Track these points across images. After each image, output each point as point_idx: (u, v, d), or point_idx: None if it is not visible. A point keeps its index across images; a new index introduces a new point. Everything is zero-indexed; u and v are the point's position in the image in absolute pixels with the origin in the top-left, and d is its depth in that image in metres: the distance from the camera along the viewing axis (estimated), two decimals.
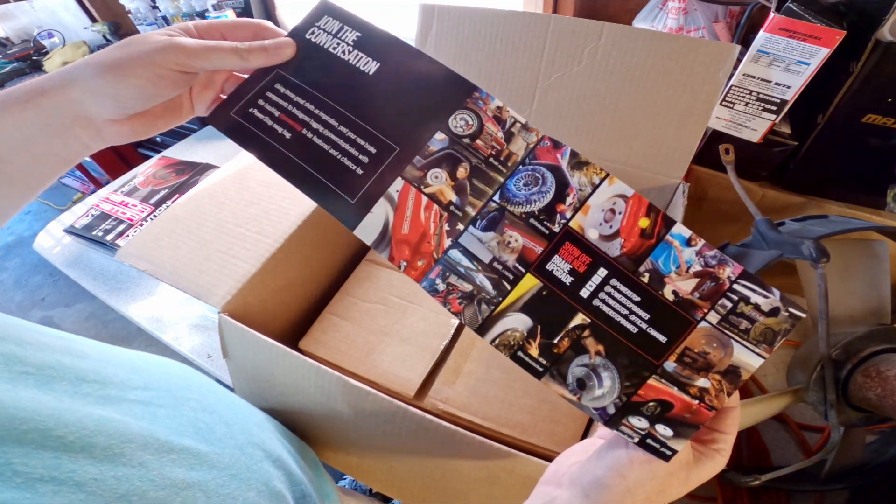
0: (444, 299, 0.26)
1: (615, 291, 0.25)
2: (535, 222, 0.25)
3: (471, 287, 0.26)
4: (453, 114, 0.26)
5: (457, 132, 0.26)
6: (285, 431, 0.42)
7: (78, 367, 0.23)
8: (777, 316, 0.23)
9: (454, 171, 0.26)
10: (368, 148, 0.26)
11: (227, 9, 1.33)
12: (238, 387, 0.48)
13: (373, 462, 0.45)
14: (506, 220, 0.26)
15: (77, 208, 0.96)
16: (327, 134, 0.26)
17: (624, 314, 0.24)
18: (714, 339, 0.24)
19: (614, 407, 0.24)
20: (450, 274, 0.26)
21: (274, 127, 0.27)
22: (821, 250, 0.38)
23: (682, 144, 0.52)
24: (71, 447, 0.19)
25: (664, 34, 0.51)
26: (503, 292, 0.25)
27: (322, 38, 0.28)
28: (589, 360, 0.25)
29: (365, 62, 0.27)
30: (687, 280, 0.24)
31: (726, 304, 0.24)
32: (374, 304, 0.56)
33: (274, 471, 0.31)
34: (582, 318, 0.25)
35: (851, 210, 0.58)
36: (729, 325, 0.24)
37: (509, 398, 0.47)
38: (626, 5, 0.88)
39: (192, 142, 1.19)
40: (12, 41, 2.07)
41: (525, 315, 0.25)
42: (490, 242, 0.26)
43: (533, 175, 0.26)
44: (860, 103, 0.51)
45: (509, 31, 0.54)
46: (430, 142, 0.26)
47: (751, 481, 0.41)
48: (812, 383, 0.41)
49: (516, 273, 0.25)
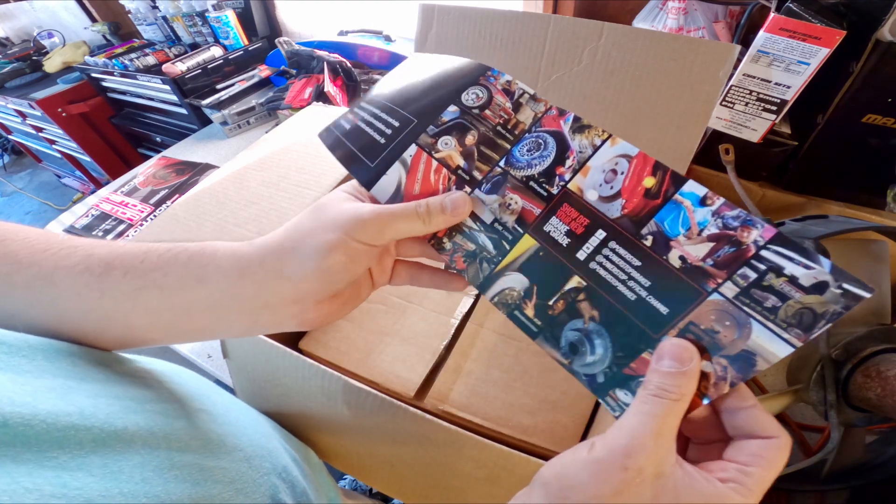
0: (451, 257, 0.27)
1: (613, 255, 0.23)
2: (535, 185, 0.26)
3: (474, 246, 0.27)
4: (466, 89, 0.28)
5: (468, 104, 0.28)
6: (290, 437, 0.42)
7: (86, 388, 0.22)
8: (823, 293, 0.18)
9: (463, 139, 0.27)
10: (393, 122, 0.29)
11: (227, 9, 1.33)
12: (238, 387, 0.48)
13: (373, 462, 0.45)
14: (508, 184, 0.26)
15: (77, 208, 0.96)
16: (371, 120, 0.30)
17: (622, 279, 0.23)
18: (728, 315, 0.20)
19: (604, 376, 0.23)
20: (455, 233, 0.27)
21: (343, 124, 0.31)
22: (821, 250, 0.38)
23: (682, 144, 0.52)
24: (67, 465, 0.18)
25: (664, 34, 0.51)
26: (502, 252, 0.26)
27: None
28: (583, 324, 0.24)
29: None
30: (699, 244, 0.21)
31: (749, 274, 0.20)
32: (374, 304, 0.56)
33: (280, 483, 0.30)
34: (577, 282, 0.24)
35: (851, 210, 0.58)
36: (750, 300, 0.20)
37: (509, 398, 0.47)
38: (626, 5, 0.88)
39: (192, 142, 1.19)
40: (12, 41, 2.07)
41: (522, 275, 0.25)
42: (493, 204, 0.26)
43: (536, 141, 0.26)
44: (860, 103, 0.51)
45: (509, 31, 0.54)
46: (443, 114, 0.28)
47: None
48: (812, 383, 0.41)
49: (515, 234, 0.26)
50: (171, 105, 1.40)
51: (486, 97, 0.28)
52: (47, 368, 0.22)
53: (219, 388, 0.35)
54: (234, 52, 1.34)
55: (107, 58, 1.46)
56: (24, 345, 0.22)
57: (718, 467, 0.19)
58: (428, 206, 0.26)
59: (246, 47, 1.36)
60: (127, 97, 1.58)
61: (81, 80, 1.65)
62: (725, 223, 0.21)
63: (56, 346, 0.24)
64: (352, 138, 0.30)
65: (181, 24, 1.41)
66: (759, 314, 0.20)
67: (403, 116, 0.29)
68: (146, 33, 1.56)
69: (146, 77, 1.35)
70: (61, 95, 1.64)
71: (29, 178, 2.72)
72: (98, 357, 0.26)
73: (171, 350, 0.69)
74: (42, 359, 0.22)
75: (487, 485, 0.37)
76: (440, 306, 0.55)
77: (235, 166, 0.92)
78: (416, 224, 0.26)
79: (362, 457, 0.45)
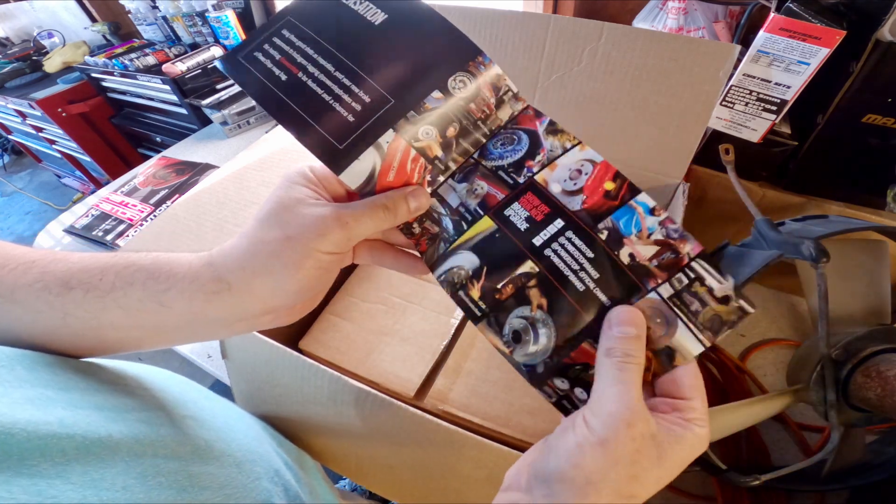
0: (417, 241, 0.28)
1: (569, 244, 0.24)
2: (503, 174, 0.26)
3: (438, 229, 0.27)
4: (454, 75, 0.26)
5: (454, 93, 0.26)
6: (283, 441, 0.42)
7: (66, 398, 0.22)
8: (727, 305, 0.22)
9: (444, 130, 0.27)
10: (363, 97, 0.26)
11: (227, 9, 1.32)
12: (236, 388, 0.48)
13: (371, 464, 0.45)
14: (478, 173, 0.27)
15: (77, 208, 0.96)
16: (322, 78, 0.26)
17: (574, 269, 0.24)
18: (660, 313, 0.23)
19: (544, 366, 0.24)
20: (425, 218, 0.28)
21: (272, 69, 0.26)
22: (821, 250, 0.38)
23: (682, 144, 0.52)
24: (46, 473, 0.18)
25: (664, 34, 0.51)
26: (460, 232, 0.26)
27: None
28: (530, 312, 0.24)
29: (373, 12, 0.27)
30: (647, 245, 0.23)
31: (682, 279, 0.22)
32: (374, 304, 0.56)
33: (272, 487, 0.30)
34: (530, 266, 0.24)
35: (851, 210, 0.58)
36: (681, 302, 0.22)
37: (509, 398, 0.47)
38: (626, 5, 0.88)
39: (192, 142, 1.19)
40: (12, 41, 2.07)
41: (474, 254, 0.26)
42: (461, 191, 0.27)
43: (510, 136, 0.27)
44: (860, 103, 0.51)
45: (509, 31, 0.54)
46: (426, 99, 0.26)
47: (751, 481, 0.41)
48: (812, 383, 0.41)
49: (475, 215, 0.26)
50: (171, 105, 1.40)
51: (473, 89, 0.26)
52: (27, 378, 0.22)
53: (209, 393, 0.35)
54: None
55: (107, 58, 1.46)
56: (1, 356, 0.22)
57: (668, 406, 0.22)
58: (395, 202, 0.26)
59: None
60: (127, 97, 1.58)
61: (81, 80, 1.65)
62: (668, 233, 0.23)
63: (35, 356, 0.23)
64: (293, 94, 0.25)
65: (181, 24, 1.41)
66: (685, 315, 0.22)
67: (376, 91, 0.25)
68: (146, 33, 1.56)
69: (146, 77, 1.35)
70: (61, 95, 1.64)
71: (29, 178, 2.72)
72: (78, 366, 0.25)
73: (170, 350, 0.69)
74: (21, 369, 0.22)
75: (487, 486, 0.37)
76: (440, 306, 0.55)
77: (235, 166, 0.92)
78: (385, 222, 0.25)
79: (361, 458, 0.45)
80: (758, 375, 0.57)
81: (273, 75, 0.26)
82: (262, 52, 0.27)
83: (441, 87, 0.26)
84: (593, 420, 0.20)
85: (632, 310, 0.22)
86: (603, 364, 0.22)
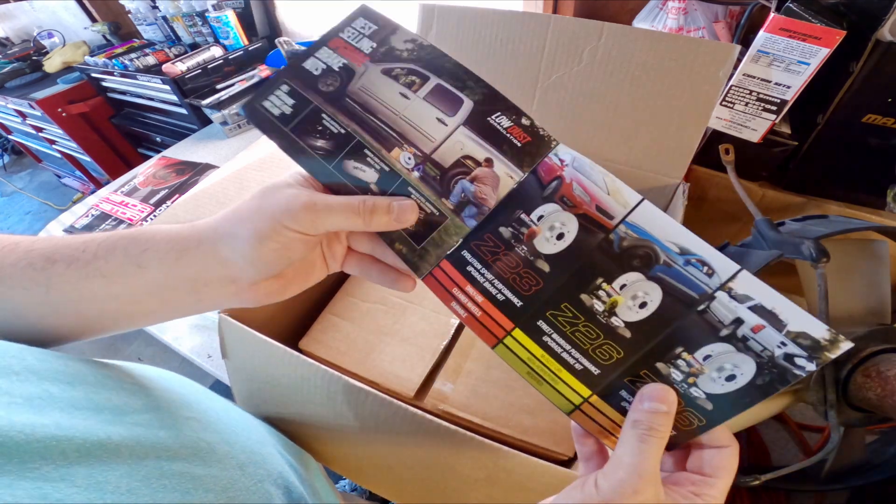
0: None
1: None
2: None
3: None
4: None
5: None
6: (286, 442, 0.42)
7: (68, 396, 0.22)
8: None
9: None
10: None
11: (227, 9, 1.33)
12: (236, 389, 0.48)
13: (371, 464, 0.45)
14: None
15: (77, 208, 0.96)
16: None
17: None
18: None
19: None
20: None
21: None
22: (821, 250, 0.38)
23: (682, 144, 0.52)
24: (49, 476, 0.18)
25: (664, 34, 0.51)
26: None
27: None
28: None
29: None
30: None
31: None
32: (374, 304, 0.56)
33: (274, 490, 0.30)
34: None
35: (851, 210, 0.58)
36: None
37: (509, 398, 0.47)
38: (626, 5, 0.88)
39: (192, 142, 1.19)
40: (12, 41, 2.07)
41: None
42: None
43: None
44: (860, 103, 0.51)
45: (509, 31, 0.54)
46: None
47: (751, 481, 0.41)
48: (812, 383, 0.41)
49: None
50: (171, 105, 1.40)
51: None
52: (36, 370, 0.22)
53: (211, 394, 0.35)
54: (234, 52, 1.34)
55: (107, 58, 1.46)
56: (13, 348, 0.22)
57: (687, 480, 0.22)
58: (374, 204, 0.26)
59: (246, 47, 1.36)
60: (127, 97, 1.58)
61: (81, 80, 1.65)
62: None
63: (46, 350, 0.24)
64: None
65: (181, 24, 1.41)
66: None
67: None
68: (146, 33, 1.56)
69: (146, 77, 1.35)
70: (61, 95, 1.64)
71: (29, 178, 2.72)
72: (87, 362, 0.26)
73: (170, 350, 0.69)
74: (32, 359, 0.22)
75: (487, 486, 0.37)
76: (440, 306, 0.55)
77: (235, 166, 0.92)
78: (356, 221, 0.26)
79: (360, 459, 0.45)
80: None
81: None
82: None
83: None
84: (603, 483, 0.21)
85: (665, 387, 0.23)
86: (626, 434, 0.22)
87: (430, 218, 0.27)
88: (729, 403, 0.22)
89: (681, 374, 0.23)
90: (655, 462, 0.21)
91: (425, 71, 0.28)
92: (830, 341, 0.20)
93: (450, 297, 0.27)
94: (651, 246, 0.23)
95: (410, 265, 0.27)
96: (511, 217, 0.26)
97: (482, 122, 0.27)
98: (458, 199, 0.27)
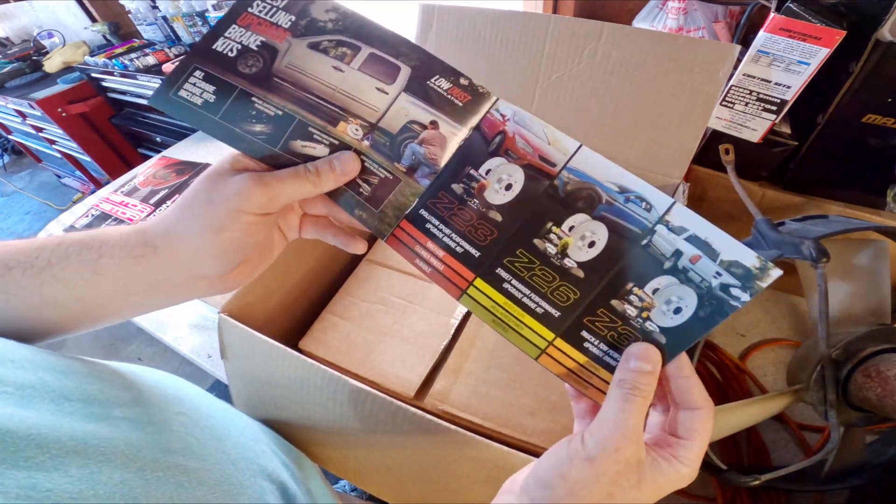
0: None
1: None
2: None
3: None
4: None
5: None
6: (281, 442, 0.42)
7: (61, 384, 0.22)
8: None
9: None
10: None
11: (226, 8, 1.32)
12: (235, 389, 0.48)
13: (370, 465, 0.45)
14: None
15: (77, 208, 0.96)
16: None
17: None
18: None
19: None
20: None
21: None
22: (821, 250, 0.38)
23: (682, 144, 0.52)
24: (43, 466, 0.18)
25: (664, 34, 0.51)
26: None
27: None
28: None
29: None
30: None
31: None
32: (374, 304, 0.56)
33: (268, 486, 0.30)
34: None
35: (851, 210, 0.58)
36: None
37: (509, 398, 0.47)
38: (626, 5, 0.88)
39: (192, 142, 1.19)
40: (12, 41, 2.07)
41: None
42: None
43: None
44: (860, 103, 0.51)
45: (509, 31, 0.54)
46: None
47: (751, 481, 0.41)
48: (812, 383, 0.41)
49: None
50: None
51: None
52: (30, 359, 0.22)
53: (205, 394, 0.35)
54: None
55: (107, 58, 1.46)
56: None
57: (667, 442, 0.23)
58: (317, 168, 0.26)
59: None
60: (127, 97, 1.58)
61: (81, 80, 1.65)
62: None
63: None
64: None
65: (181, 24, 1.41)
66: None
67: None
68: (146, 33, 1.56)
69: (146, 77, 1.35)
70: (61, 95, 1.64)
71: (29, 178, 2.72)
72: (75, 360, 0.26)
73: (170, 350, 0.69)
74: (24, 350, 0.23)
75: (487, 486, 0.37)
76: (440, 306, 0.55)
77: None
78: (306, 186, 0.26)
79: (359, 460, 0.45)
80: (758, 375, 0.57)
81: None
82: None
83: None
84: (589, 440, 0.22)
85: (650, 347, 0.23)
86: (612, 392, 0.23)
87: (386, 182, 0.28)
88: (679, 336, 0.23)
89: (635, 310, 0.24)
90: (638, 421, 0.22)
91: (355, 41, 0.28)
92: (761, 269, 0.22)
93: (413, 255, 0.28)
94: (592, 187, 0.25)
95: (372, 229, 0.28)
96: (461, 173, 0.27)
97: (422, 87, 0.28)
98: (410, 162, 0.28)
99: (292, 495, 0.32)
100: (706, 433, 0.23)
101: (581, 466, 0.22)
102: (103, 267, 0.25)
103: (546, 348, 0.26)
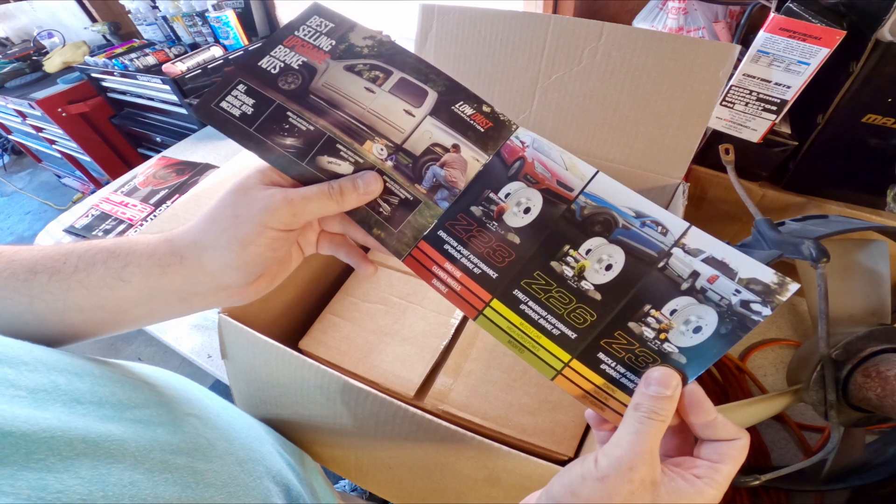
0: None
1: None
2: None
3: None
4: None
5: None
6: (285, 442, 0.42)
7: (74, 388, 0.22)
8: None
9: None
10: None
11: (227, 9, 1.33)
12: (236, 389, 0.48)
13: (370, 464, 0.45)
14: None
15: (77, 208, 0.96)
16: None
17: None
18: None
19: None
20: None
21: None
22: (821, 250, 0.38)
23: (682, 144, 0.52)
24: (54, 467, 0.18)
25: (664, 34, 0.51)
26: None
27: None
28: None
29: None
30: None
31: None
32: (374, 304, 0.56)
33: (273, 487, 0.30)
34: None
35: (851, 210, 0.58)
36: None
37: (509, 398, 0.47)
38: (626, 5, 0.88)
39: (192, 142, 1.19)
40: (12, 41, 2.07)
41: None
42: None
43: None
44: (860, 103, 0.51)
45: (509, 31, 0.54)
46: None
47: (751, 481, 0.41)
48: (812, 383, 0.41)
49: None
50: (171, 105, 1.40)
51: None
52: (44, 360, 0.22)
53: (210, 393, 0.35)
54: (234, 52, 1.34)
55: (107, 58, 1.46)
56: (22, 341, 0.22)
57: (691, 464, 0.23)
58: (341, 186, 0.27)
59: (246, 47, 1.36)
60: (127, 97, 1.58)
61: (81, 80, 1.65)
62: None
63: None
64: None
65: (181, 24, 1.41)
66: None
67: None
68: (146, 33, 1.56)
69: (146, 77, 1.35)
70: (61, 95, 1.64)
71: (29, 178, 2.72)
72: (89, 360, 0.26)
73: (170, 350, 0.69)
74: (40, 350, 0.23)
75: (487, 486, 0.37)
76: (440, 306, 0.55)
77: (235, 166, 0.92)
78: (330, 205, 0.27)
79: (360, 459, 0.45)
80: (758, 375, 0.57)
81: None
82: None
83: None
84: (602, 459, 0.22)
85: (669, 371, 0.23)
86: (628, 415, 0.23)
87: (406, 203, 0.28)
88: (701, 355, 0.23)
89: (652, 332, 0.24)
90: (654, 443, 0.22)
91: (388, 66, 0.29)
92: (779, 284, 0.22)
93: (430, 276, 0.28)
94: (609, 212, 0.25)
95: (390, 248, 0.28)
96: (480, 196, 0.27)
97: (447, 112, 0.28)
98: (431, 184, 0.28)
99: (296, 496, 0.32)
100: (739, 459, 0.22)
101: (593, 485, 0.22)
102: (129, 274, 0.26)
103: (562, 369, 0.26)
